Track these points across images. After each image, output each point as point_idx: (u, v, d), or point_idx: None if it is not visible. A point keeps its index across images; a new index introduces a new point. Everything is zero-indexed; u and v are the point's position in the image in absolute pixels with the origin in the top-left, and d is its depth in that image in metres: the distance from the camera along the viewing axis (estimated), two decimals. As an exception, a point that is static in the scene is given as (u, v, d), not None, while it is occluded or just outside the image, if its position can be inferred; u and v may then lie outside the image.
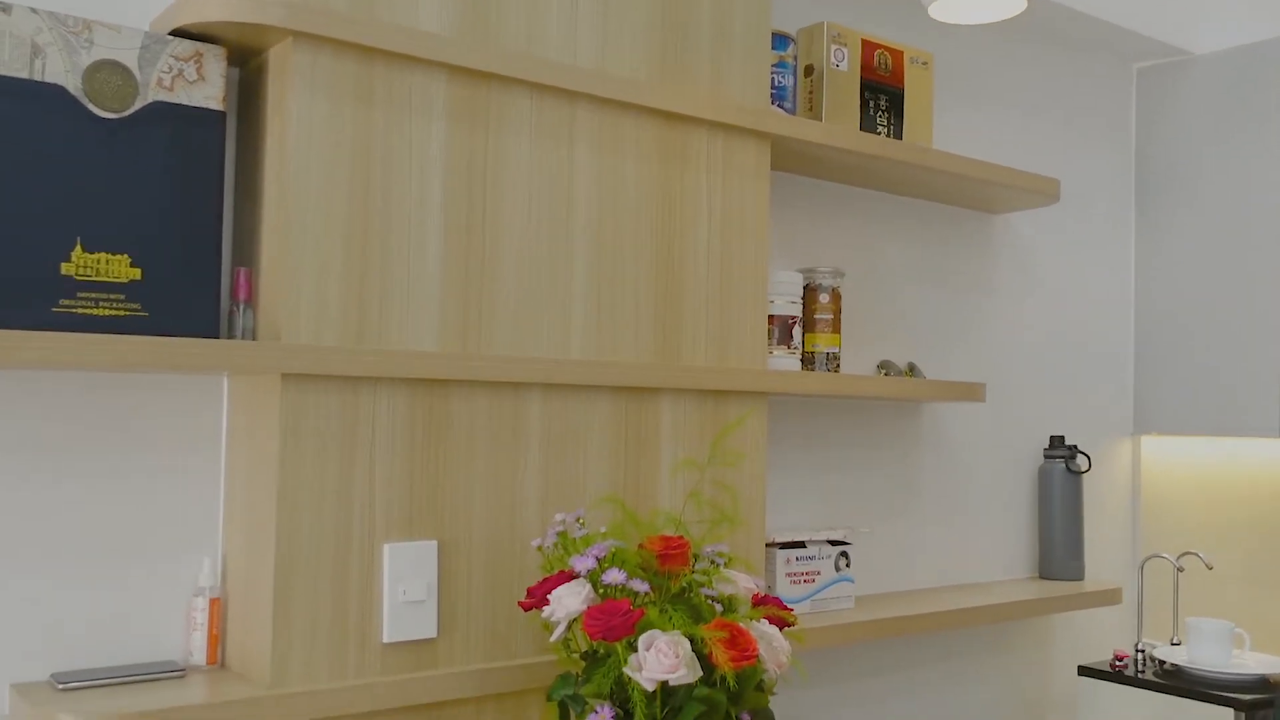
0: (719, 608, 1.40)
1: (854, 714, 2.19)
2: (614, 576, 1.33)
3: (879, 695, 2.23)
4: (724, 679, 1.29)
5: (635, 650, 1.27)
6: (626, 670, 1.26)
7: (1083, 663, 2.50)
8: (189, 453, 1.46)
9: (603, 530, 1.45)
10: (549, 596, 1.35)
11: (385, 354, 1.42)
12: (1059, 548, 2.49)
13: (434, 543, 1.47)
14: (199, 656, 1.43)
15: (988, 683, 2.44)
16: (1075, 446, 2.51)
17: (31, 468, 1.35)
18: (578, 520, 1.46)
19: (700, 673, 1.27)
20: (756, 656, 1.28)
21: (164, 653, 1.44)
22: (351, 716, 1.40)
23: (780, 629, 1.40)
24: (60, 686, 1.31)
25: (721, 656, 1.25)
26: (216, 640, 1.44)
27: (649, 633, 1.27)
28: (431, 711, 1.47)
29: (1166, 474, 2.78)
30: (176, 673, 1.38)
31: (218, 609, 1.44)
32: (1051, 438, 2.54)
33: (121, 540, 1.41)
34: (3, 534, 1.33)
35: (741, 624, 1.31)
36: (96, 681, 1.33)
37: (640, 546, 1.40)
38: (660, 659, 1.24)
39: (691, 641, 1.28)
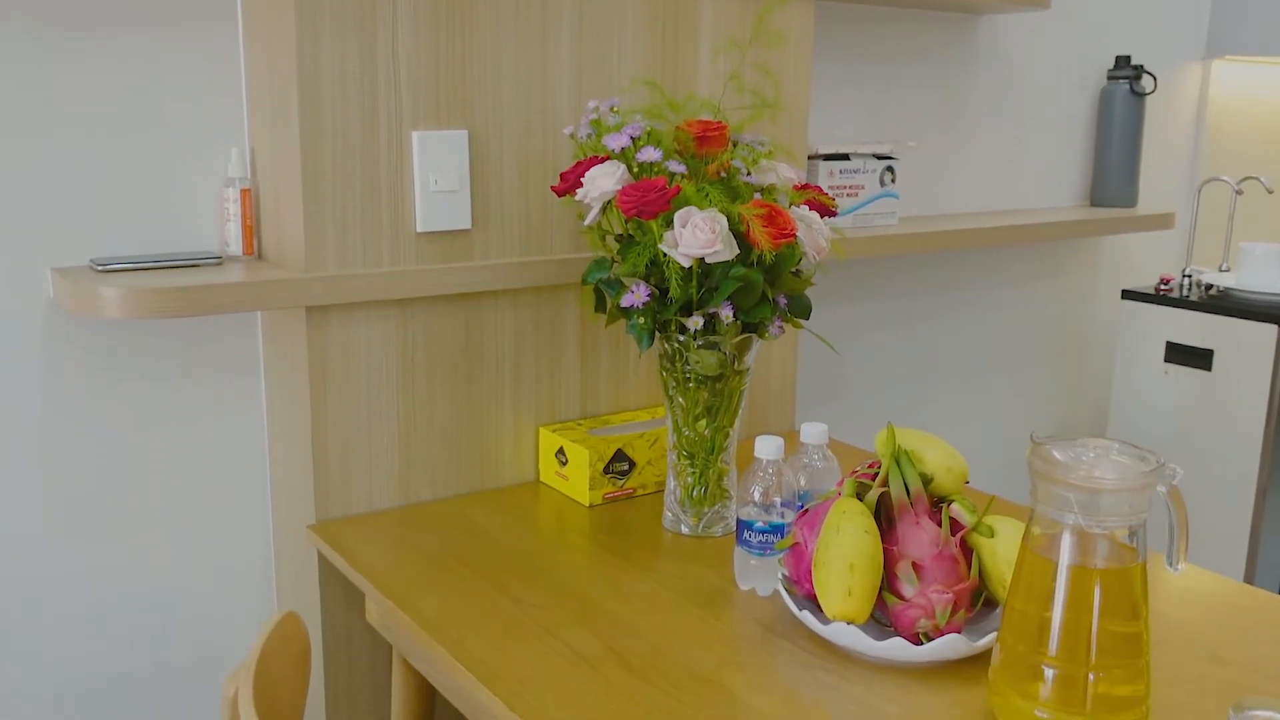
0: (758, 196, 1.35)
1: (896, 332, 2.20)
2: (649, 155, 1.28)
3: (922, 314, 2.23)
4: (761, 259, 1.27)
5: (671, 227, 1.24)
6: (662, 247, 1.23)
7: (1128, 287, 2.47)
8: (207, 38, 1.39)
9: (638, 116, 1.39)
10: (582, 179, 1.31)
11: (402, -78, 1.31)
12: (1114, 173, 2.41)
13: (464, 132, 1.42)
14: (235, 247, 1.43)
15: (1030, 306, 2.43)
16: (1141, 67, 2.37)
17: (52, 49, 1.30)
18: (612, 109, 1.39)
19: (737, 251, 1.24)
20: (795, 235, 1.25)
21: (201, 246, 1.43)
22: (388, 302, 1.41)
23: (821, 216, 1.36)
24: (99, 269, 1.32)
25: (759, 233, 1.22)
26: (251, 231, 1.43)
27: (685, 209, 1.23)
28: (469, 301, 1.47)
29: (1234, 101, 2.64)
30: (213, 260, 1.38)
31: (249, 199, 1.42)
32: (1117, 58, 2.40)
33: (144, 128, 1.37)
34: (32, 120, 1.30)
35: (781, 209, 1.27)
36: (135, 266, 1.33)
37: (677, 129, 1.34)
38: (696, 234, 1.21)
39: (729, 221, 1.24)
